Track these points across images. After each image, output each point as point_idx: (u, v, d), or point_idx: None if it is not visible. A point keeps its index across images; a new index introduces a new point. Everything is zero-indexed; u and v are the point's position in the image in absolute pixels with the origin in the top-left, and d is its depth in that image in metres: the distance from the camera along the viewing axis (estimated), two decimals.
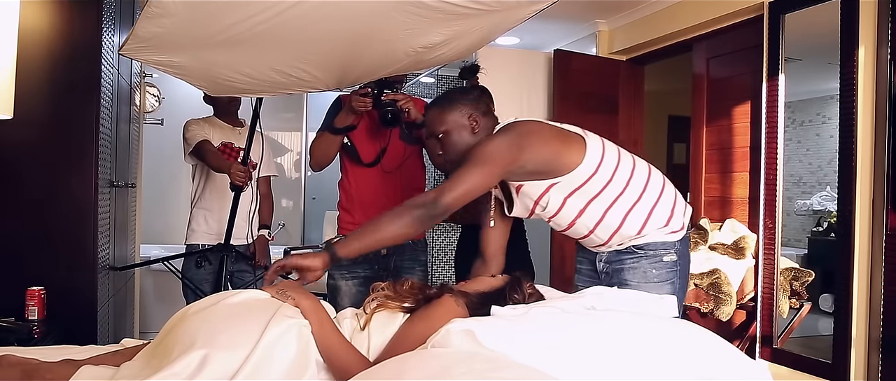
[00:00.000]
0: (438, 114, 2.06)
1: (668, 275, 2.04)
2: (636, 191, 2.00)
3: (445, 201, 1.85)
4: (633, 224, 2.01)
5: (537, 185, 1.98)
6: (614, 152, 2.03)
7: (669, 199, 2.06)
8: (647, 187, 2.02)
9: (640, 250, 2.03)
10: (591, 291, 1.86)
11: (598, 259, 2.14)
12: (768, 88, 3.49)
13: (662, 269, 2.03)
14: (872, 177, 2.96)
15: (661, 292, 1.97)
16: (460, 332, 1.53)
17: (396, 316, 1.76)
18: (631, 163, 2.04)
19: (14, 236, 2.46)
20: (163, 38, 1.89)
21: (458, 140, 2.04)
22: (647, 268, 2.03)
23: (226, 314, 1.63)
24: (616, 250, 2.07)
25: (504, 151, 1.90)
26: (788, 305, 3.50)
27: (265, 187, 3.41)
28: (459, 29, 2.14)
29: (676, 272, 2.06)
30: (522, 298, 1.82)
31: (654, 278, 2.02)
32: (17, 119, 2.10)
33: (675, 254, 2.05)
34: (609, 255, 2.09)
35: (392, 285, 1.88)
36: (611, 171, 1.98)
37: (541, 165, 1.95)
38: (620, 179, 1.99)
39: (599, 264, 2.13)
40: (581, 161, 1.95)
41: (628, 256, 2.05)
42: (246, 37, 1.94)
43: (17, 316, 2.35)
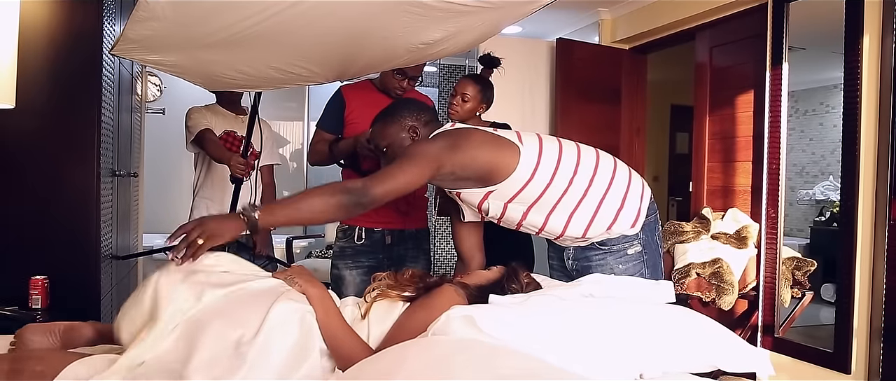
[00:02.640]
0: (381, 128, 2.09)
1: (634, 268, 2.04)
2: (578, 192, 1.97)
3: (375, 192, 1.80)
4: (579, 223, 2.00)
5: (475, 192, 1.99)
6: (552, 155, 1.97)
7: (619, 190, 2.01)
8: (592, 185, 1.98)
9: (604, 246, 2.04)
10: (589, 278, 1.87)
11: (565, 256, 2.14)
12: (772, 77, 3.48)
13: (628, 262, 2.04)
14: (876, 167, 2.95)
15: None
16: (460, 318, 1.54)
17: (396, 305, 1.76)
18: (573, 162, 1.98)
19: (17, 225, 2.47)
20: (153, 40, 1.86)
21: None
22: (614, 264, 2.03)
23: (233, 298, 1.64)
24: (581, 246, 2.07)
25: (434, 154, 1.89)
26: (790, 294, 3.50)
27: (268, 177, 3.41)
28: (461, 25, 2.12)
29: (642, 263, 2.05)
30: (520, 287, 1.83)
31: (621, 274, 2.02)
32: (18, 108, 2.10)
33: (640, 244, 2.04)
34: (575, 252, 2.10)
35: (393, 274, 1.89)
36: (548, 176, 1.95)
37: (472, 173, 1.94)
38: (560, 183, 1.95)
39: (568, 263, 2.13)
40: (514, 169, 1.92)
41: (593, 252, 2.06)
42: (241, 37, 1.90)
43: (21, 305, 2.36)
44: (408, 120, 2.07)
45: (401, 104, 2.18)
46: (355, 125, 2.64)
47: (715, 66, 4.10)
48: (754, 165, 3.71)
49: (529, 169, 1.93)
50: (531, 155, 1.95)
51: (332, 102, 2.72)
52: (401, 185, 1.86)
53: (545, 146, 1.98)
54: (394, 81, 2.62)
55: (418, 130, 2.06)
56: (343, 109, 2.68)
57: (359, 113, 2.66)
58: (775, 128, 3.49)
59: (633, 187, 2.03)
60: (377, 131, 2.10)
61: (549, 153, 1.97)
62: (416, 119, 2.08)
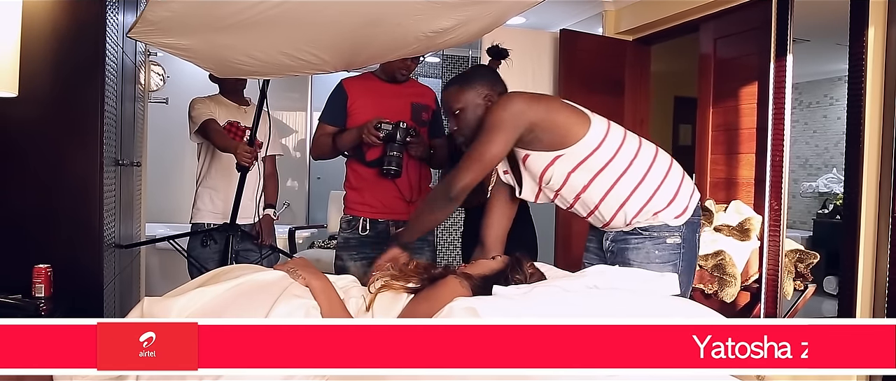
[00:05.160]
0: (457, 92, 2.14)
1: (670, 256, 2.07)
2: (641, 170, 2.04)
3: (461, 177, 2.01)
4: (636, 202, 2.04)
5: (543, 156, 2.02)
6: (619, 131, 2.08)
7: (675, 180, 2.08)
8: (652, 167, 2.06)
9: (645, 231, 2.07)
10: (594, 270, 1.87)
11: (604, 238, 2.17)
12: (776, 69, 3.46)
13: (665, 250, 2.07)
14: (879, 159, 2.94)
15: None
16: (463, 309, 1.55)
17: (401, 297, 1.77)
18: (636, 142, 2.08)
19: (20, 214, 2.47)
20: (172, 21, 1.89)
21: (472, 118, 2.11)
22: (650, 249, 2.07)
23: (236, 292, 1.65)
24: (622, 230, 2.10)
25: (518, 109, 1.99)
26: (793, 287, 3.50)
27: (271, 167, 3.41)
28: (470, 14, 2.14)
29: (679, 255, 2.08)
30: (524, 278, 1.83)
31: (656, 259, 2.06)
32: (21, 97, 2.09)
33: (680, 237, 2.07)
34: (615, 234, 2.13)
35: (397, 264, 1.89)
36: (615, 147, 2.03)
37: (549, 128, 1.99)
38: (625, 156, 2.03)
39: (606, 243, 2.16)
40: (585, 134, 2.00)
41: (633, 236, 2.09)
42: (256, 20, 1.93)
43: (24, 293, 2.36)
44: (484, 87, 2.12)
45: (478, 71, 2.24)
46: (358, 116, 2.64)
47: (719, 57, 4.08)
48: (758, 157, 3.70)
49: (599, 135, 2.02)
50: (600, 124, 2.05)
51: (333, 95, 2.72)
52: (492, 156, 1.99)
53: (611, 123, 2.09)
54: (397, 63, 2.62)
55: (493, 100, 2.10)
56: (346, 102, 2.68)
57: (361, 103, 2.66)
58: (779, 120, 3.48)
59: (686, 181, 2.12)
60: (452, 94, 2.14)
61: (616, 128, 2.09)
62: (492, 88, 2.13)
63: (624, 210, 2.06)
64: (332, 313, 1.66)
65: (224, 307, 1.60)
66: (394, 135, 2.52)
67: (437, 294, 1.72)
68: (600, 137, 2.02)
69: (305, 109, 5.98)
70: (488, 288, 1.73)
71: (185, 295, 1.64)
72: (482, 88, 2.12)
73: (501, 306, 1.58)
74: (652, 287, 1.86)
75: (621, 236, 2.11)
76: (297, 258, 1.93)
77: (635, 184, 2.04)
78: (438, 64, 6.55)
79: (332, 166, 3.35)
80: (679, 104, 6.51)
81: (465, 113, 2.12)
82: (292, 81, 5.82)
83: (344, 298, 1.78)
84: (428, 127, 2.74)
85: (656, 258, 2.07)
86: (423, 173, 2.74)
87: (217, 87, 3.34)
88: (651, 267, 2.03)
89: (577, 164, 2.02)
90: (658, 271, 2.01)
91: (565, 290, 1.75)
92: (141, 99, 3.94)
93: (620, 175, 2.03)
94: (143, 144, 4.08)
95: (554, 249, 4.48)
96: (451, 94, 2.16)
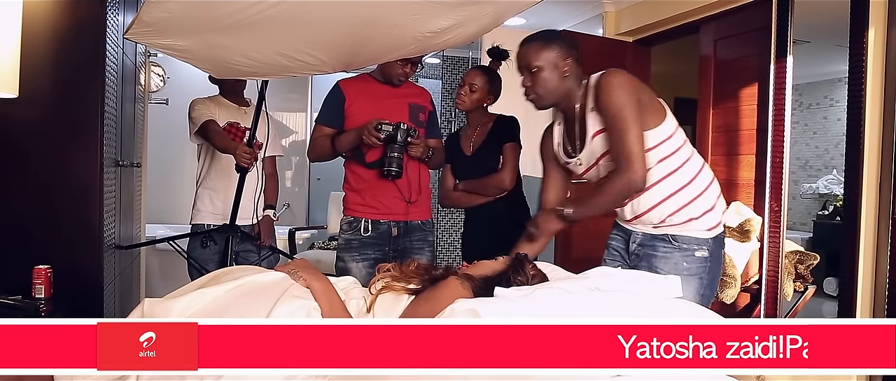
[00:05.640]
0: (538, 49, 2.11)
1: (697, 270, 2.09)
2: (690, 173, 2.09)
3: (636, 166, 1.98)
4: (677, 202, 2.07)
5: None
6: (682, 131, 2.14)
7: (713, 195, 2.13)
8: (698, 176, 2.11)
9: (675, 241, 2.10)
10: (596, 271, 1.87)
11: (632, 240, 2.19)
12: (776, 70, 3.46)
13: (693, 263, 2.09)
14: (880, 161, 2.94)
15: (689, 286, 2.04)
16: (464, 311, 1.54)
17: (401, 298, 1.76)
18: (691, 148, 2.14)
19: (20, 214, 2.47)
20: (168, 22, 1.89)
21: (547, 79, 2.10)
22: (679, 260, 2.09)
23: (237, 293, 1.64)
24: (650, 233, 2.13)
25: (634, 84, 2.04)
26: (793, 288, 3.50)
27: (270, 168, 3.41)
28: (468, 14, 2.14)
29: (706, 269, 2.11)
30: (526, 279, 1.83)
31: (684, 271, 2.07)
32: (21, 98, 2.09)
33: (707, 250, 2.10)
34: (643, 237, 2.15)
35: (398, 265, 1.89)
36: (678, 144, 2.08)
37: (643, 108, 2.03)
38: (681, 156, 2.08)
39: (632, 246, 2.18)
40: (661, 123, 2.05)
41: (662, 244, 2.11)
42: (253, 21, 1.93)
43: (24, 294, 2.36)
44: (564, 49, 2.11)
45: (556, 32, 2.23)
46: (356, 118, 2.64)
47: (719, 58, 4.08)
48: (758, 158, 3.70)
49: (671, 128, 2.07)
50: (672, 118, 2.11)
51: (330, 96, 2.71)
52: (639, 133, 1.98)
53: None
54: (396, 67, 2.62)
55: (570, 67, 2.11)
56: (343, 103, 2.67)
57: (359, 105, 2.66)
58: (779, 121, 3.48)
59: (721, 199, 2.16)
60: (532, 51, 2.11)
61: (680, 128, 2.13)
62: (569, 51, 2.13)
63: (664, 205, 2.08)
64: (332, 314, 1.65)
65: (224, 309, 1.60)
66: (394, 136, 2.52)
67: (439, 295, 1.72)
68: (671, 130, 2.07)
69: (305, 110, 5.98)
70: (490, 289, 1.73)
71: (185, 296, 1.64)
72: (562, 50, 2.10)
73: (503, 307, 1.58)
74: (654, 290, 1.85)
75: (650, 240, 2.14)
76: (297, 260, 1.93)
77: (682, 185, 2.07)
78: (438, 65, 6.55)
79: (332, 167, 3.34)
80: (679, 105, 6.48)
81: (542, 72, 2.10)
82: (292, 82, 5.82)
83: (345, 299, 1.78)
84: (425, 128, 2.74)
85: (684, 270, 2.07)
86: (422, 174, 2.74)
87: (217, 88, 3.34)
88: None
89: (652, 146, 2.04)
90: (685, 282, 2.01)
91: (567, 292, 1.74)
92: (141, 100, 3.94)
93: (673, 171, 2.07)
94: (144, 144, 4.08)
95: (554, 249, 4.48)
96: (531, 50, 2.12)
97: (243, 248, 3.25)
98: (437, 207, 6.16)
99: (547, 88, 2.10)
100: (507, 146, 2.87)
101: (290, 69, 2.43)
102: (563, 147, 2.23)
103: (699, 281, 2.10)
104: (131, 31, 1.93)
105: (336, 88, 2.70)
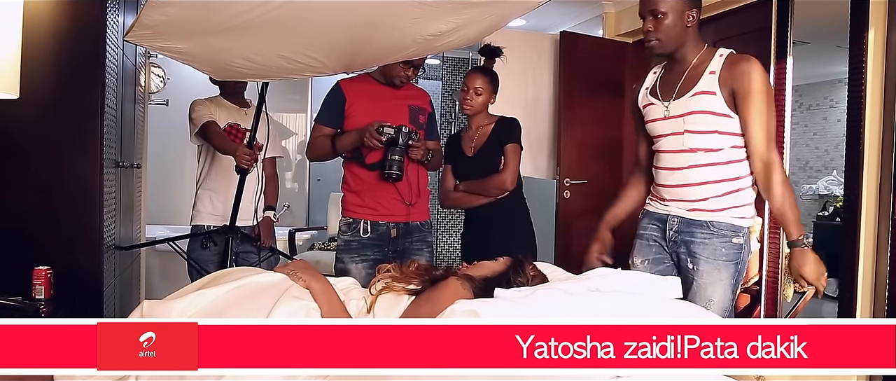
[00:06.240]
0: None
1: (734, 256, 2.15)
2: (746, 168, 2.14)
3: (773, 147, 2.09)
4: (727, 186, 2.14)
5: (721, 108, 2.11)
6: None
7: (753, 192, 2.19)
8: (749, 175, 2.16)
9: (713, 227, 2.14)
10: (596, 272, 1.87)
11: (668, 227, 2.22)
12: (776, 71, 3.46)
13: (731, 249, 2.14)
14: (880, 162, 2.94)
15: (727, 272, 2.13)
16: (464, 313, 1.54)
17: (402, 299, 1.76)
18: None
19: (20, 215, 2.47)
20: (168, 25, 1.89)
21: (671, 26, 2.13)
22: (718, 246, 2.14)
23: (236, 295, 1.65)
24: (686, 219, 2.17)
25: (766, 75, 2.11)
26: (793, 289, 3.49)
27: (271, 169, 3.41)
28: (469, 16, 2.14)
29: (741, 255, 2.16)
30: (526, 280, 1.83)
31: (722, 257, 2.14)
32: (22, 98, 2.09)
33: (742, 238, 2.16)
34: (679, 224, 2.19)
35: (398, 266, 1.89)
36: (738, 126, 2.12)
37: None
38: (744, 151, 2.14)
39: (669, 233, 2.21)
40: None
41: (700, 230, 2.15)
42: (254, 24, 1.93)
43: (24, 295, 2.36)
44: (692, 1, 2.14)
45: None
46: (356, 118, 2.64)
47: None
48: None
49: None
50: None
51: (330, 96, 2.71)
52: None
53: None
54: (397, 69, 2.62)
55: (694, 19, 2.15)
56: (343, 103, 2.67)
57: (359, 106, 2.66)
58: (779, 122, 3.48)
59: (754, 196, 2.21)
60: None
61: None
62: (697, 6, 2.16)
63: (713, 186, 2.14)
64: (332, 315, 1.66)
65: (224, 310, 1.60)
66: (396, 139, 2.52)
67: (439, 296, 1.72)
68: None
69: (305, 111, 5.98)
70: (490, 290, 1.73)
71: (184, 298, 1.64)
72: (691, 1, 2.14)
73: (503, 308, 1.58)
74: (654, 291, 1.86)
75: (686, 226, 2.17)
76: (297, 260, 1.93)
77: (739, 174, 2.14)
78: (439, 66, 6.55)
79: (332, 168, 3.35)
80: None
81: (666, 17, 2.12)
82: (292, 84, 5.82)
83: (344, 300, 1.78)
84: (425, 130, 2.75)
85: (723, 256, 2.13)
86: (421, 176, 2.74)
87: (217, 89, 3.35)
88: (717, 263, 2.13)
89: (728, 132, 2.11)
90: (723, 267, 2.12)
91: (567, 293, 1.75)
92: (141, 101, 3.94)
93: (735, 160, 2.13)
94: (144, 145, 4.08)
95: (554, 249, 4.48)
96: None
97: (243, 249, 3.25)
98: (437, 208, 6.18)
99: (669, 34, 2.14)
100: (508, 147, 2.88)
101: (291, 71, 2.43)
102: (656, 91, 2.27)
103: (735, 267, 2.15)
104: (131, 34, 1.93)
105: (336, 88, 2.70)
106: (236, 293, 1.66)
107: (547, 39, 4.82)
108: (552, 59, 4.77)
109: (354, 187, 2.69)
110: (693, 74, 2.16)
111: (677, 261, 2.22)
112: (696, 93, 2.13)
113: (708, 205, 2.14)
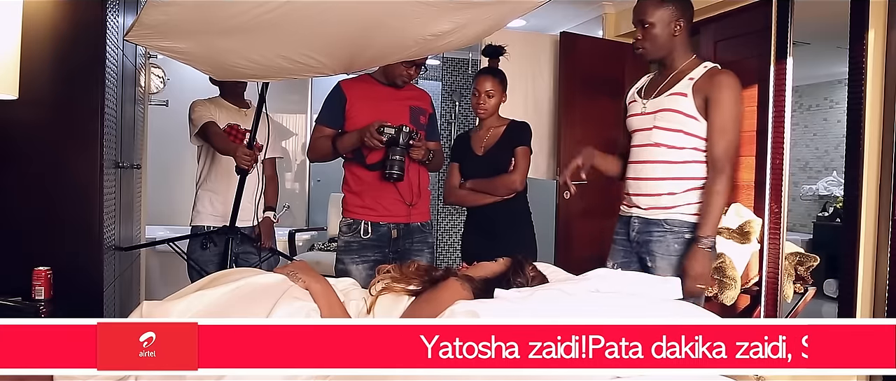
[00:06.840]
0: (654, 6, 2.26)
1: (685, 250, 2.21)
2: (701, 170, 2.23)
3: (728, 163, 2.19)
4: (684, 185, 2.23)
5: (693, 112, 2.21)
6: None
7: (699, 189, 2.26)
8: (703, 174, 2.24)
9: (666, 224, 2.25)
10: (596, 273, 1.87)
11: (631, 228, 2.33)
12: (776, 72, 3.47)
13: (683, 246, 2.22)
14: (880, 162, 2.94)
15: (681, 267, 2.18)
16: (464, 313, 1.54)
17: (401, 299, 1.76)
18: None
19: (20, 216, 2.47)
20: (168, 25, 1.89)
21: (657, 35, 2.25)
22: (671, 242, 2.24)
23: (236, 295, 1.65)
24: (645, 218, 2.29)
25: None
26: (793, 290, 3.50)
27: (271, 170, 3.41)
28: (469, 17, 2.14)
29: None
30: (526, 281, 1.83)
31: (675, 252, 2.23)
32: (21, 99, 2.09)
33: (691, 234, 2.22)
34: (639, 224, 2.30)
35: (398, 267, 1.89)
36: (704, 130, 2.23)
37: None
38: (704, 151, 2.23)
39: (632, 234, 2.34)
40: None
41: (656, 228, 2.25)
42: (254, 24, 1.93)
43: (24, 296, 2.36)
44: (679, 9, 2.25)
45: None
46: (357, 119, 2.64)
47: (719, 60, 4.03)
48: (758, 160, 3.70)
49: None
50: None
51: (331, 97, 2.71)
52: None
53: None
54: (399, 69, 2.62)
55: (681, 29, 2.26)
56: (344, 104, 2.67)
57: (360, 106, 2.66)
58: (779, 123, 3.48)
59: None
60: (648, 7, 2.26)
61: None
62: (683, 13, 2.26)
63: (671, 183, 2.24)
64: (332, 315, 1.66)
65: (224, 310, 1.60)
66: (397, 139, 2.52)
67: (439, 297, 1.72)
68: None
69: (305, 112, 5.99)
70: (489, 290, 1.73)
71: (184, 299, 1.64)
72: (676, 10, 2.24)
73: (503, 308, 1.58)
74: (654, 291, 1.86)
75: (645, 226, 2.28)
76: (297, 261, 1.93)
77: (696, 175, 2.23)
78: (439, 66, 6.55)
79: (333, 169, 3.34)
80: None
81: (654, 27, 2.24)
82: (292, 84, 5.82)
83: (344, 300, 1.78)
84: (425, 130, 2.75)
85: (675, 252, 2.22)
86: (422, 177, 2.74)
87: (217, 89, 3.35)
88: (671, 259, 2.23)
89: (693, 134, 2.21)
90: (677, 263, 2.21)
91: (567, 293, 1.75)
92: (141, 101, 3.94)
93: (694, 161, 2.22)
94: (144, 146, 4.08)
95: (554, 249, 4.48)
96: (646, 6, 2.26)
97: (243, 250, 3.25)
98: (437, 208, 6.18)
99: (655, 43, 2.26)
100: (519, 150, 2.89)
101: (291, 71, 2.43)
102: (642, 91, 2.39)
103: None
104: (131, 34, 1.94)
105: (337, 88, 2.70)
106: (236, 294, 1.66)
107: (547, 40, 4.81)
108: (552, 59, 4.77)
109: (355, 188, 2.69)
110: (675, 78, 2.28)
111: (641, 261, 2.32)
112: (671, 93, 2.24)
113: (663, 202, 2.24)
